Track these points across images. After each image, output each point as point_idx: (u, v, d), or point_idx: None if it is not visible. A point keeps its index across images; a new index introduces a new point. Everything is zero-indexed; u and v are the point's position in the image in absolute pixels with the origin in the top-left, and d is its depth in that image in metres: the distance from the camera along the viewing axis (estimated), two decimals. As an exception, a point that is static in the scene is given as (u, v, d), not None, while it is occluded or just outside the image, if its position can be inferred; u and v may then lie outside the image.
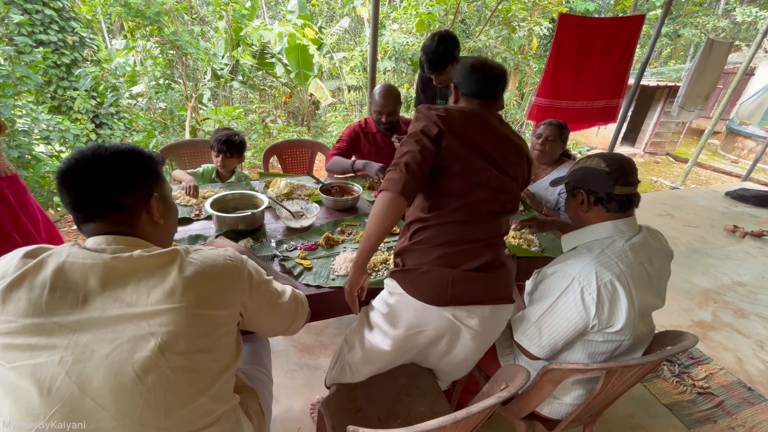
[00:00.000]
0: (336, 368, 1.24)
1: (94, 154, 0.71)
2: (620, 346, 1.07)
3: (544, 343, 1.07)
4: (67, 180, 0.69)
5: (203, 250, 0.76)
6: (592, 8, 7.24)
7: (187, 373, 0.66)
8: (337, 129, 6.68)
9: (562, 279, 1.03)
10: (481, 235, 1.07)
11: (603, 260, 1.00)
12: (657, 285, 1.08)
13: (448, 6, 5.60)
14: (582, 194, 1.09)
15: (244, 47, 5.26)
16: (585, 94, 3.31)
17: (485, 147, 1.06)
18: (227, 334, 0.74)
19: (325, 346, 2.00)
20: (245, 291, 0.78)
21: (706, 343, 2.25)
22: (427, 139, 1.01)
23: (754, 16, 9.96)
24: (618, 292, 0.98)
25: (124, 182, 0.73)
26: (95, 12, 4.41)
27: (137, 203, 0.74)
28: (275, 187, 1.84)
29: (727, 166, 7.66)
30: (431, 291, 1.02)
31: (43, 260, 0.65)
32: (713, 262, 3.13)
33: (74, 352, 0.61)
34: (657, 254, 1.08)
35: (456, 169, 1.03)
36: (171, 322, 0.65)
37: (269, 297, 0.87)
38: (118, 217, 0.72)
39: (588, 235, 1.09)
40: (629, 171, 1.06)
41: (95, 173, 0.70)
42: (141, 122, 4.60)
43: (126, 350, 0.62)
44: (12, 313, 0.61)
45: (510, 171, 1.11)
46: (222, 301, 0.73)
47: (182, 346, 0.65)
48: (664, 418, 1.74)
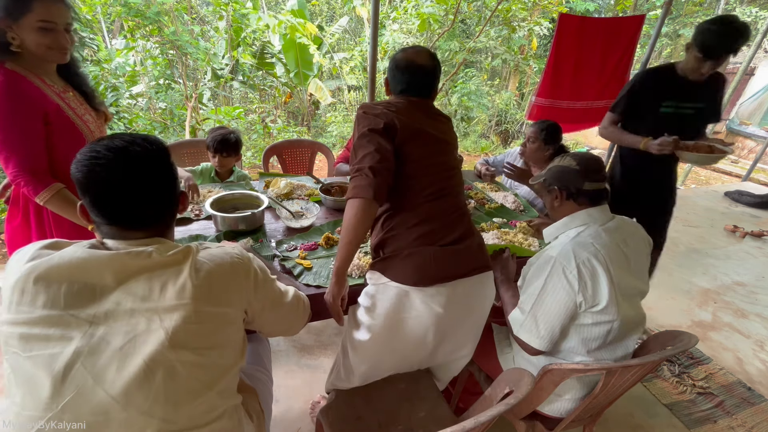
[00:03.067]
0: (333, 373, 1.24)
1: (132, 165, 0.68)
2: (611, 330, 1.09)
3: (542, 332, 1.09)
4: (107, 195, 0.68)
5: (211, 248, 0.77)
6: (592, 8, 7.24)
7: (195, 368, 0.68)
8: (337, 129, 6.69)
9: (544, 264, 1.10)
10: (449, 207, 1.13)
11: (579, 241, 1.09)
12: (636, 267, 1.14)
13: (448, 6, 5.61)
14: (555, 190, 1.19)
15: (244, 47, 5.26)
16: (585, 94, 3.31)
17: (425, 127, 1.13)
18: (235, 332, 0.76)
19: (325, 346, 2.00)
20: (251, 289, 0.79)
21: (706, 343, 2.24)
22: (378, 136, 1.04)
23: (754, 16, 9.97)
24: (597, 269, 1.05)
25: (167, 193, 0.74)
26: (95, 12, 4.40)
27: (173, 207, 0.78)
28: (275, 187, 1.84)
29: (727, 166, 7.65)
30: (416, 273, 1.04)
31: (62, 255, 0.65)
32: (713, 262, 3.13)
33: (89, 343, 0.62)
34: (632, 237, 1.16)
35: (414, 153, 1.08)
36: (182, 318, 0.66)
37: (273, 296, 0.87)
38: (149, 223, 0.74)
39: (565, 224, 1.18)
40: (597, 168, 1.17)
41: (140, 186, 0.69)
42: (141, 122, 4.60)
43: (138, 343, 0.64)
44: (30, 303, 0.62)
45: (447, 137, 1.20)
46: (229, 299, 0.74)
47: (192, 342, 0.67)
48: (664, 418, 1.74)
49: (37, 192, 1.18)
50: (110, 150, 0.67)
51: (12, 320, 0.63)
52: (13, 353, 0.62)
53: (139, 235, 0.72)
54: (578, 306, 1.06)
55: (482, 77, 7.81)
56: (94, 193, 0.68)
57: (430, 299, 1.05)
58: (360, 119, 1.09)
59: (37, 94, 1.17)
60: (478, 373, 1.40)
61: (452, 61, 7.26)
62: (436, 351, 1.17)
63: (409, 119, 1.10)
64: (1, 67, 1.13)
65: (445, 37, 6.61)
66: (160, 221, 0.75)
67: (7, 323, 0.63)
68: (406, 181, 1.08)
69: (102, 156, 0.66)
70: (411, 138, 1.08)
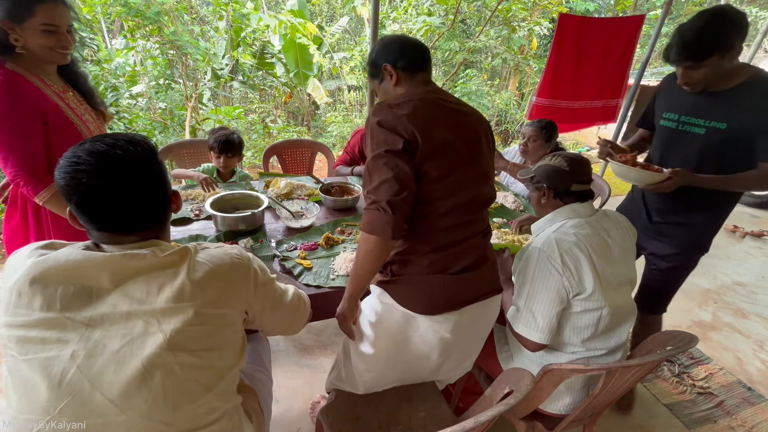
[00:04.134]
0: (334, 372, 1.24)
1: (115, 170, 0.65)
2: (601, 317, 1.11)
3: (540, 323, 1.10)
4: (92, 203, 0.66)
5: (210, 248, 0.76)
6: (592, 8, 7.23)
7: (194, 370, 0.67)
8: (337, 129, 6.68)
9: (531, 256, 1.12)
10: (468, 234, 1.04)
11: (561, 231, 1.13)
12: (619, 256, 1.16)
13: (449, 6, 5.60)
14: (543, 188, 1.21)
15: (244, 47, 5.25)
16: (584, 94, 3.31)
17: (451, 138, 0.97)
18: (234, 333, 0.75)
19: (325, 346, 2.00)
20: (251, 290, 0.78)
21: (706, 343, 2.24)
22: (398, 159, 0.89)
23: (754, 16, 9.97)
24: (579, 257, 1.08)
25: (156, 195, 0.72)
26: (95, 12, 4.40)
27: (165, 209, 0.75)
28: (275, 187, 1.84)
29: (727, 166, 7.64)
30: (424, 300, 1.00)
31: (57, 256, 0.64)
32: (713, 262, 3.13)
33: (86, 346, 0.62)
34: (615, 227, 1.19)
35: (434, 174, 0.94)
36: (180, 320, 0.65)
37: (273, 296, 0.87)
38: (141, 227, 0.72)
39: (551, 219, 1.21)
40: (586, 171, 1.20)
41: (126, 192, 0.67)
42: (141, 122, 4.60)
43: (136, 346, 0.63)
44: (27, 306, 0.62)
45: (476, 153, 1.04)
46: (229, 300, 0.74)
47: (190, 344, 0.66)
48: (664, 418, 1.74)
49: (37, 192, 1.18)
50: (92, 155, 0.64)
51: (9, 323, 0.62)
52: (11, 356, 0.62)
53: (132, 239, 0.70)
54: (567, 293, 1.08)
55: (482, 77, 7.80)
56: (78, 201, 0.65)
57: (438, 325, 1.03)
58: (374, 132, 0.92)
59: (36, 94, 1.17)
60: (478, 373, 1.40)
61: (452, 61, 7.25)
62: (440, 368, 1.17)
63: (431, 125, 0.94)
64: (1, 66, 1.13)
65: (445, 37, 6.60)
66: (153, 224, 0.73)
67: (4, 326, 0.63)
68: (424, 206, 0.96)
69: (83, 161, 0.63)
70: (432, 154, 0.93)
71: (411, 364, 1.13)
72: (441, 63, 7.64)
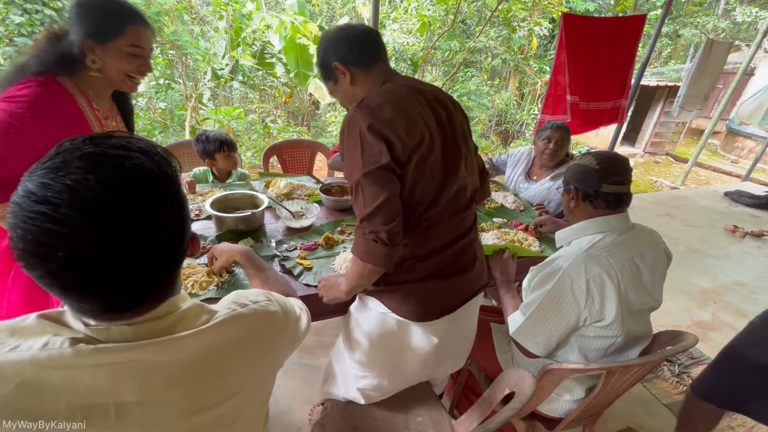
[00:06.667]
0: (328, 383, 1.22)
1: (107, 222, 0.40)
2: (613, 344, 1.07)
3: (538, 338, 1.08)
4: (75, 280, 0.40)
5: (226, 302, 0.60)
6: (592, 8, 7.23)
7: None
8: (337, 129, 6.68)
9: (552, 274, 1.04)
10: (456, 234, 1.01)
11: (592, 253, 1.02)
12: (650, 283, 1.08)
13: (449, 6, 5.61)
14: (572, 190, 1.12)
15: (244, 47, 5.25)
16: (597, 95, 3.26)
17: (437, 136, 0.92)
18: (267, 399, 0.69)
19: (325, 346, 2.00)
20: (288, 345, 0.69)
21: (706, 343, 2.24)
22: (389, 173, 0.84)
23: (754, 16, 9.96)
24: (606, 285, 0.99)
25: (172, 250, 0.47)
26: (95, 12, 4.41)
27: (179, 262, 0.50)
28: (275, 187, 1.84)
29: (727, 166, 7.65)
30: (419, 308, 0.99)
31: (19, 359, 0.41)
32: (713, 262, 3.13)
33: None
34: (650, 251, 1.08)
35: (421, 178, 0.90)
36: (243, 413, 0.56)
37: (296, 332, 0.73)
38: (150, 299, 0.49)
39: (579, 230, 1.11)
40: (619, 170, 1.07)
41: (126, 256, 0.42)
42: (141, 122, 4.60)
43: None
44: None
45: (460, 147, 0.98)
46: (271, 370, 0.65)
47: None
48: (664, 418, 1.74)
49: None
50: (79, 203, 0.38)
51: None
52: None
53: (137, 312, 0.47)
54: (582, 321, 1.04)
55: (482, 77, 7.81)
56: (47, 274, 0.40)
57: (431, 330, 1.03)
58: (365, 142, 0.84)
59: (72, 116, 1.07)
60: (478, 373, 1.40)
61: (452, 61, 7.25)
62: (435, 369, 1.17)
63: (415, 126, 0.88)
64: (52, 79, 1.04)
65: (445, 37, 6.61)
66: (165, 288, 0.50)
67: None
68: (412, 209, 0.92)
69: (61, 216, 0.37)
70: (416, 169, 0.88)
71: (407, 372, 1.13)
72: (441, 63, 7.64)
